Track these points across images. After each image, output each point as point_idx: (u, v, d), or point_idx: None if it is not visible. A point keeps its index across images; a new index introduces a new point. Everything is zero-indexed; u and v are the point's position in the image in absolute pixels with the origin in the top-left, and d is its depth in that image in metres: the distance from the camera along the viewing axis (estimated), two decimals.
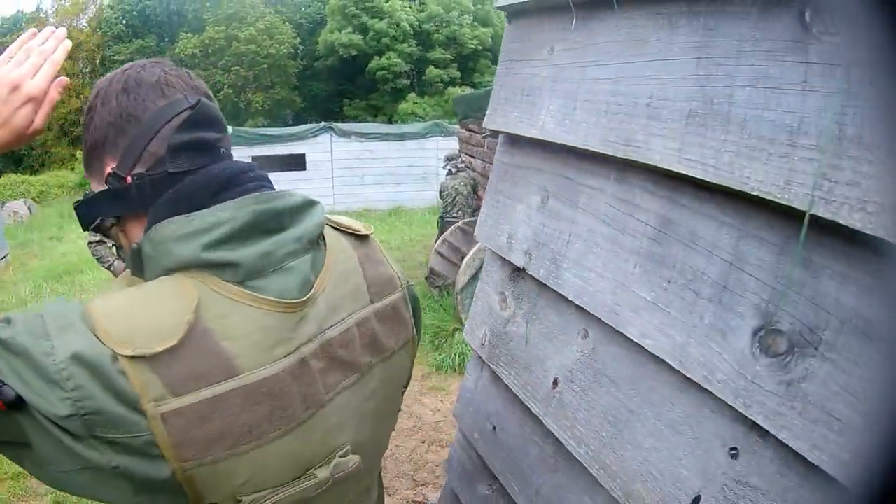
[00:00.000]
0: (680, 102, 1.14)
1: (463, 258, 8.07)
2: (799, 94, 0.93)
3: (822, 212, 0.88)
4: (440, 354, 7.12)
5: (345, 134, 18.28)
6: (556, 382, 1.56)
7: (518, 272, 1.73)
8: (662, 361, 1.20)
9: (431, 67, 40.79)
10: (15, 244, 16.65)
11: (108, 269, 6.12)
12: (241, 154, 14.62)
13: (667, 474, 1.22)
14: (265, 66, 41.58)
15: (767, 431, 1.00)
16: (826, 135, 0.88)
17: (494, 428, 1.93)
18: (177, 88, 1.19)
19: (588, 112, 1.38)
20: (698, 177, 1.09)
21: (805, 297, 0.95)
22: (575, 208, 1.48)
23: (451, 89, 39.74)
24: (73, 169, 37.15)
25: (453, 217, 9.67)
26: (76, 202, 1.26)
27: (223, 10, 40.77)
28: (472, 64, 43.24)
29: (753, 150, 0.99)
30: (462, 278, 7.34)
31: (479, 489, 2.12)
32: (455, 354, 7.10)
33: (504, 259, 1.81)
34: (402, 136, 18.54)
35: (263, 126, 28.47)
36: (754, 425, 1.03)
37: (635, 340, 1.26)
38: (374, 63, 40.42)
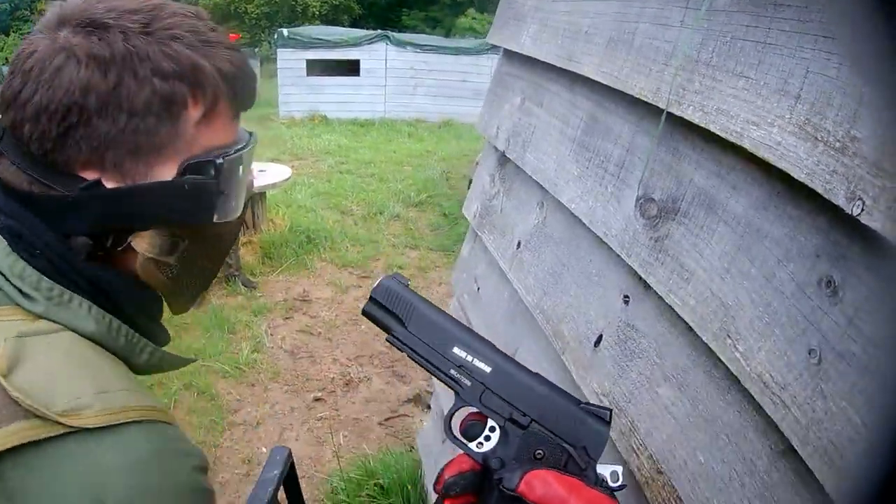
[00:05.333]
0: (605, 31, 1.54)
1: None
2: (677, 29, 1.30)
3: (675, 111, 1.26)
4: None
5: (400, 44, 18.01)
6: (518, 245, 1.99)
7: (503, 158, 2.16)
8: (582, 223, 1.61)
9: None
10: None
11: None
12: (296, 56, 14.75)
13: (582, 317, 1.61)
14: None
15: (649, 284, 1.34)
16: (687, 57, 1.25)
17: (479, 289, 2.36)
18: None
19: (551, 35, 1.81)
20: (609, 84, 1.49)
21: (671, 175, 1.31)
22: (540, 107, 1.90)
23: None
24: None
25: None
26: None
27: None
28: None
29: (642, 66, 1.38)
30: None
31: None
32: None
33: (494, 147, 2.23)
34: (457, 51, 18.12)
35: None
36: (641, 278, 1.38)
37: (566, 206, 1.67)
38: None
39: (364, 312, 1.05)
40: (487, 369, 0.99)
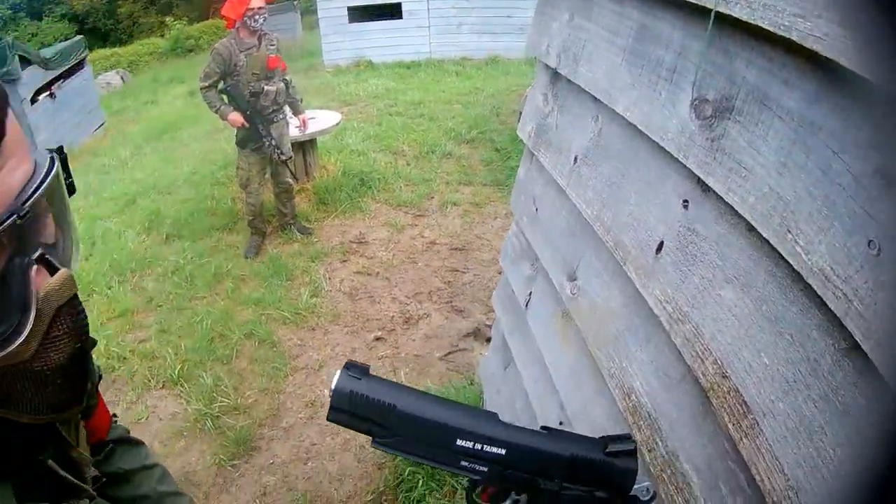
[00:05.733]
0: None
1: None
2: None
3: (723, 9, 1.24)
4: None
5: None
6: (575, 160, 1.99)
7: (556, 75, 2.14)
8: (638, 130, 1.60)
9: None
10: (110, 113, 17.22)
11: (216, 112, 6.27)
12: (336, 5, 14.69)
13: (642, 225, 1.62)
14: None
15: (709, 186, 1.34)
16: None
17: (537, 209, 2.36)
18: None
19: None
20: None
21: (724, 75, 1.30)
22: (589, 20, 1.88)
23: None
24: (162, 35, 37.56)
25: None
26: None
27: None
28: None
29: None
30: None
31: (523, 268, 2.57)
32: None
33: (545, 65, 2.21)
34: None
35: None
36: (700, 181, 1.39)
37: (622, 115, 1.66)
38: None
39: (330, 420, 0.97)
40: (501, 452, 0.95)
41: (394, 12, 17.87)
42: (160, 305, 6.12)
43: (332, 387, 0.94)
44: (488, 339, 5.01)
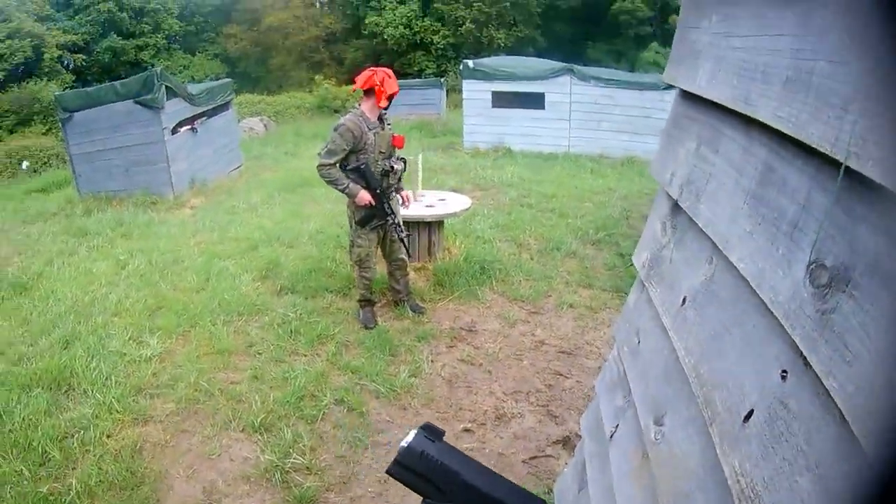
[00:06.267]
0: (781, 70, 1.39)
1: None
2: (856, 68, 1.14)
3: (853, 164, 1.10)
4: None
5: (585, 77, 17.70)
6: (684, 301, 1.85)
7: (676, 206, 2.02)
8: (749, 285, 1.46)
9: (675, 16, 39.19)
10: (249, 157, 18.01)
11: (343, 191, 6.26)
12: (481, 88, 15.09)
13: (736, 387, 1.47)
14: (507, 3, 41.60)
15: (810, 363, 1.18)
16: (869, 101, 1.08)
17: (639, 342, 2.23)
18: None
19: (727, 74, 1.67)
20: (786, 131, 1.33)
21: (845, 239, 1.15)
22: (716, 153, 1.76)
23: None
24: (310, 92, 39.20)
25: None
26: None
27: None
28: None
29: (819, 111, 1.22)
30: None
31: (615, 397, 2.44)
32: None
33: (667, 193, 2.10)
34: (641, 86, 17.48)
35: None
36: (801, 353, 1.23)
37: (735, 265, 1.53)
38: (617, 6, 39.34)
39: (390, 473, 0.93)
40: None
41: (537, 101, 18.07)
42: (259, 353, 6.23)
43: (405, 443, 0.91)
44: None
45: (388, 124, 6.38)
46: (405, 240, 6.67)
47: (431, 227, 7.96)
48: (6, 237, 11.76)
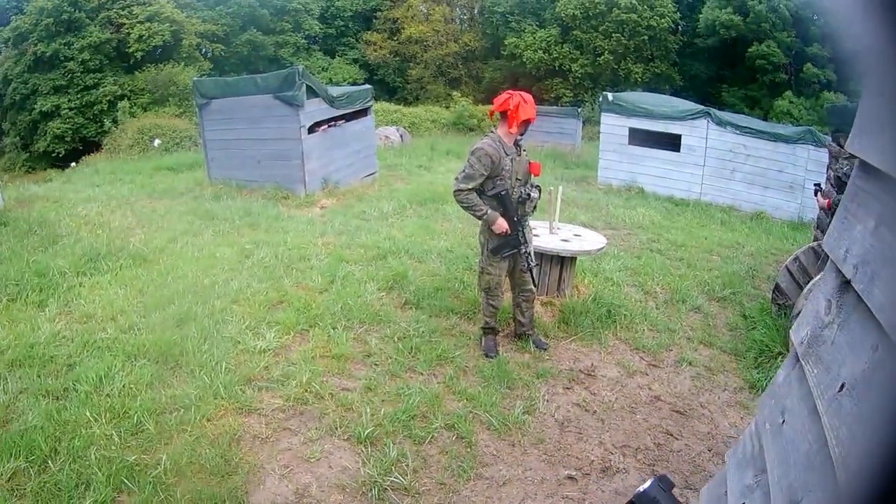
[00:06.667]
0: None
1: (808, 281, 7.75)
2: None
3: None
4: (759, 373, 6.76)
5: (721, 123, 17.18)
6: (842, 387, 1.72)
7: (846, 284, 1.88)
8: None
9: (809, 65, 37.93)
10: (383, 165, 18.18)
11: (481, 217, 6.13)
12: (620, 123, 15.07)
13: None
14: (645, 36, 41.23)
15: None
16: None
17: (783, 422, 2.10)
18: None
19: None
20: None
21: None
22: None
23: (825, 93, 36.72)
24: (447, 107, 39.56)
25: None
26: None
27: None
28: (849, 67, 39.74)
29: None
30: (802, 302, 6.95)
31: (746, 474, 2.30)
32: (772, 378, 6.52)
33: (838, 270, 1.96)
34: (775, 137, 16.92)
35: None
36: None
37: None
38: (754, 49, 38.49)
39: None
40: None
41: (673, 143, 17.77)
42: (376, 364, 6.27)
43: (641, 489, 0.92)
44: None
45: (524, 150, 6.31)
46: (534, 270, 6.59)
47: (564, 261, 7.89)
48: (132, 209, 12.31)
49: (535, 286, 6.78)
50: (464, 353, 6.61)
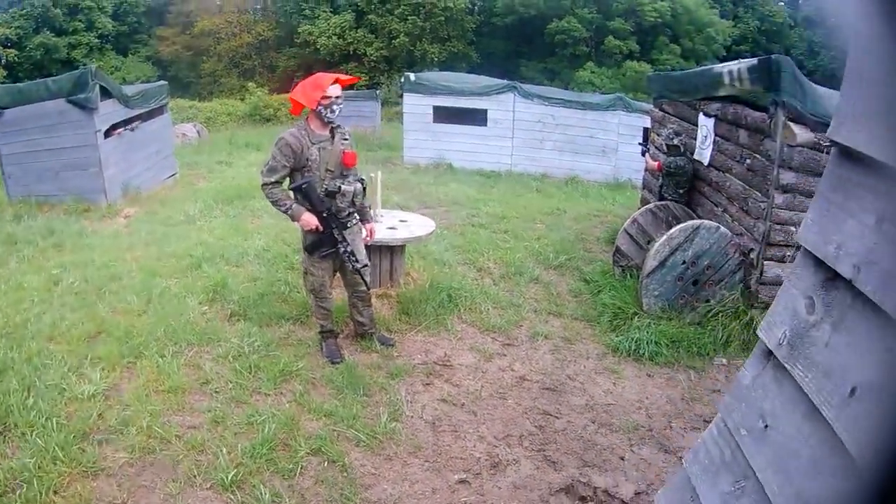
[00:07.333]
0: None
1: (649, 242, 7.95)
2: None
3: None
4: (617, 336, 6.88)
5: (528, 95, 17.92)
6: (853, 392, 1.62)
7: (831, 280, 1.78)
8: None
9: (610, 37, 40.21)
10: (183, 164, 17.43)
11: (285, 212, 5.78)
12: (423, 102, 15.11)
13: None
14: (442, 18, 42.24)
15: None
16: None
17: (766, 426, 1.99)
18: None
19: None
20: None
21: None
22: None
23: (628, 62, 39.19)
24: (242, 99, 39.20)
25: (670, 195, 8.91)
26: None
27: None
28: (651, 39, 42.54)
29: None
30: (651, 262, 7.10)
31: (721, 484, 2.19)
32: (632, 339, 6.77)
33: (820, 265, 1.85)
34: (584, 106, 17.93)
35: None
36: None
37: None
38: (553, 25, 40.19)
39: None
40: None
41: (480, 118, 18.05)
42: (216, 392, 5.66)
43: None
44: (582, 498, 4.59)
45: (345, 139, 5.89)
46: (362, 271, 6.16)
47: (394, 250, 7.62)
48: None
49: (366, 288, 6.39)
50: (307, 364, 6.16)
